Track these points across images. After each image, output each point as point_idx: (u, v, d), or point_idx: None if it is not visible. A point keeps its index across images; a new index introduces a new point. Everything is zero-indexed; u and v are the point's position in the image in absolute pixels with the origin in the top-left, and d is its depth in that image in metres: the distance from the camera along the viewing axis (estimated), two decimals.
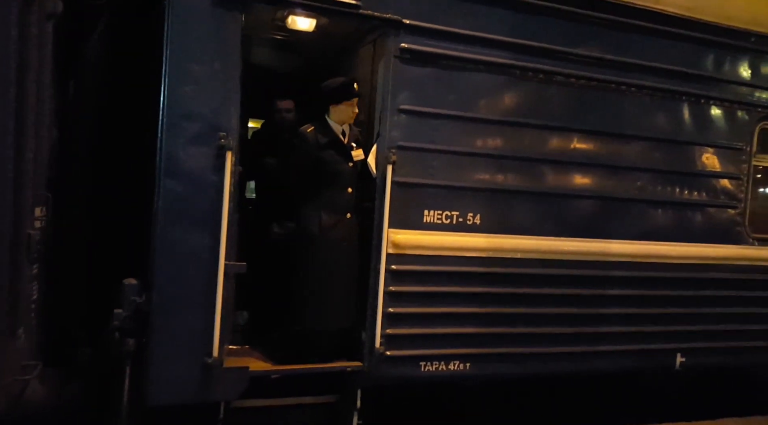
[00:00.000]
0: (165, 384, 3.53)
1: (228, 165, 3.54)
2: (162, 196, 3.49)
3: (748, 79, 5.06)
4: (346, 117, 4.14)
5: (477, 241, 4.22)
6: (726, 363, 5.10)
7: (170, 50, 3.48)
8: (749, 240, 5.10)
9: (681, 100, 4.80)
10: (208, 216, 3.55)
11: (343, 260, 4.06)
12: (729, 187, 5.02)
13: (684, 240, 4.85)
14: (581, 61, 4.44)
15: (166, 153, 3.50)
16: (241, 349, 4.18)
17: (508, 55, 4.24)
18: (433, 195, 4.12)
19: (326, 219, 4.01)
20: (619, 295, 4.66)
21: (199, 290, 3.55)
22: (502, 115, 4.28)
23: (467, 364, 4.25)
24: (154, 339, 3.50)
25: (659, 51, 4.67)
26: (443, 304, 4.18)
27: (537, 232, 4.40)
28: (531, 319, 4.41)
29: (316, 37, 4.84)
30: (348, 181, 4.11)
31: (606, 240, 4.59)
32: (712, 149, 4.93)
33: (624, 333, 4.69)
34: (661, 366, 4.87)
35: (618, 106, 4.60)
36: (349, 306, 4.12)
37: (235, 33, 3.60)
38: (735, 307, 5.05)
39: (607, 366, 4.67)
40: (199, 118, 3.52)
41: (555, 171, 4.45)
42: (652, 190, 4.74)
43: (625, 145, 4.64)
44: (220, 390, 3.66)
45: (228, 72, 3.58)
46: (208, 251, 3.55)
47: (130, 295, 3.54)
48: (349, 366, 4.05)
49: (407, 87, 4.02)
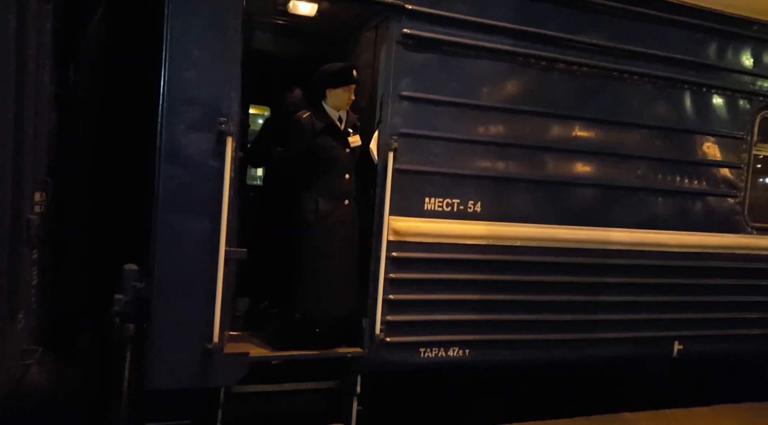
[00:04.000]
0: (165, 369, 3.54)
1: (228, 150, 3.52)
2: (162, 181, 3.48)
3: (749, 68, 5.05)
4: (342, 103, 4.11)
5: (477, 229, 4.23)
6: (724, 351, 5.14)
7: (171, 34, 3.44)
8: (748, 229, 5.12)
9: (682, 88, 4.79)
10: (208, 202, 3.53)
11: (341, 246, 4.06)
12: (729, 176, 5.03)
13: (683, 228, 4.87)
14: (583, 48, 4.42)
15: (167, 138, 3.47)
16: (241, 335, 4.20)
17: (510, 42, 4.22)
18: (434, 182, 4.11)
19: (323, 205, 4.00)
20: (619, 283, 4.68)
21: (199, 276, 3.55)
22: (503, 103, 4.27)
23: (467, 351, 4.28)
24: (154, 324, 3.50)
25: (661, 39, 4.66)
26: (443, 291, 4.19)
27: (537, 220, 4.41)
28: (530, 306, 4.43)
29: (318, 22, 4.81)
30: (345, 167, 4.10)
31: (606, 229, 4.61)
32: (712, 138, 4.93)
33: (623, 320, 4.72)
34: (660, 353, 4.91)
35: (620, 94, 4.59)
36: (349, 292, 4.12)
37: (237, 17, 3.56)
38: (733, 296, 5.08)
39: (605, 354, 4.71)
40: (200, 104, 3.50)
41: (555, 159, 4.44)
42: (652, 179, 4.74)
43: (626, 133, 4.64)
44: (220, 376, 3.67)
45: (229, 57, 3.55)
46: (209, 237, 3.54)
47: (131, 281, 3.54)
48: (350, 352, 4.07)
49: (409, 73, 4.00)
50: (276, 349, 3.98)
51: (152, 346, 3.51)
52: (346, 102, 4.14)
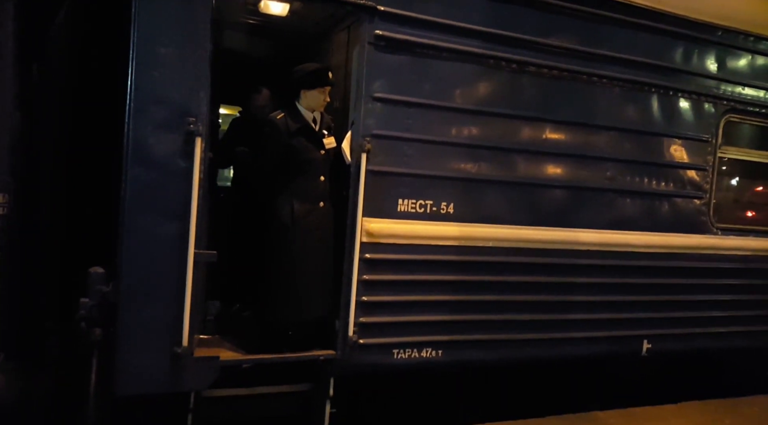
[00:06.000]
0: (133, 374, 3.47)
1: (197, 151, 3.47)
2: (129, 182, 3.41)
3: (714, 72, 5.17)
4: (317, 104, 4.09)
5: (450, 230, 4.25)
6: (691, 348, 5.25)
7: (138, 33, 3.37)
8: (714, 229, 5.25)
9: (650, 91, 4.89)
10: (176, 203, 3.47)
11: (316, 249, 4.03)
12: (695, 177, 5.14)
13: (651, 229, 4.96)
14: (553, 51, 4.48)
15: (134, 139, 3.40)
16: (212, 339, 4.14)
17: (481, 45, 4.25)
18: (407, 184, 4.12)
19: (298, 208, 3.97)
20: (588, 283, 4.75)
21: (168, 279, 3.49)
22: (475, 105, 4.30)
23: (439, 351, 4.29)
24: (121, 328, 3.43)
25: (629, 42, 4.74)
26: (416, 292, 4.20)
27: (509, 221, 4.44)
28: (502, 306, 4.47)
29: (290, 21, 4.77)
30: (320, 169, 4.07)
31: (575, 229, 4.67)
32: (679, 140, 5.04)
33: (592, 320, 4.79)
34: (629, 352, 4.99)
35: (588, 96, 4.66)
36: (323, 295, 4.09)
37: (205, 16, 3.51)
38: (699, 295, 5.20)
39: (576, 352, 4.77)
40: (168, 103, 3.44)
41: (527, 160, 4.49)
42: (620, 180, 4.82)
43: (594, 135, 4.71)
44: (190, 380, 3.62)
45: (197, 56, 3.49)
46: (177, 239, 3.48)
47: (97, 284, 3.46)
48: (322, 355, 4.04)
49: (382, 75, 4.00)
50: (248, 353, 3.93)
51: (120, 351, 3.44)
52: (321, 103, 4.11)
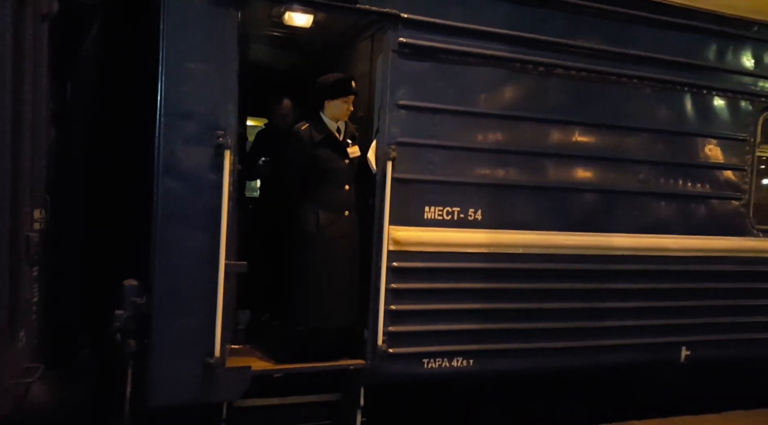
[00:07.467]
0: (167, 384, 3.52)
1: (226, 164, 3.52)
2: (160, 195, 3.48)
3: (750, 69, 5.02)
4: (341, 113, 4.11)
5: (478, 237, 4.20)
6: (731, 356, 5.07)
7: (166, 49, 3.45)
8: (754, 231, 5.07)
9: (683, 91, 4.76)
10: (207, 215, 3.53)
11: (342, 258, 4.04)
12: (733, 178, 4.98)
13: (688, 232, 4.81)
14: (581, 53, 4.40)
15: (164, 152, 3.48)
16: (243, 349, 4.18)
17: (507, 48, 4.21)
18: (433, 191, 4.09)
19: (323, 217, 3.98)
20: (623, 289, 4.63)
21: (199, 290, 3.54)
22: (502, 109, 4.25)
23: (470, 361, 4.23)
24: (155, 339, 3.49)
25: (660, 41, 4.63)
26: (445, 301, 4.16)
27: (539, 227, 4.37)
28: (534, 314, 4.39)
29: (314, 33, 4.81)
30: (344, 178, 4.08)
31: (609, 234, 4.56)
32: (715, 140, 4.89)
33: (628, 327, 4.66)
34: (666, 359, 4.84)
35: (619, 97, 4.56)
36: (350, 303, 4.09)
37: (232, 30, 3.57)
38: (740, 299, 5.02)
39: (610, 361, 4.65)
40: (197, 117, 3.50)
41: (556, 164, 4.41)
42: (654, 183, 4.70)
43: (626, 137, 4.61)
44: (223, 390, 3.65)
45: (225, 70, 3.56)
46: (208, 251, 3.53)
47: (131, 296, 3.53)
48: (352, 364, 4.03)
49: (406, 82, 3.99)
50: (278, 362, 3.95)
51: (153, 362, 3.50)
52: (345, 113, 4.13)
